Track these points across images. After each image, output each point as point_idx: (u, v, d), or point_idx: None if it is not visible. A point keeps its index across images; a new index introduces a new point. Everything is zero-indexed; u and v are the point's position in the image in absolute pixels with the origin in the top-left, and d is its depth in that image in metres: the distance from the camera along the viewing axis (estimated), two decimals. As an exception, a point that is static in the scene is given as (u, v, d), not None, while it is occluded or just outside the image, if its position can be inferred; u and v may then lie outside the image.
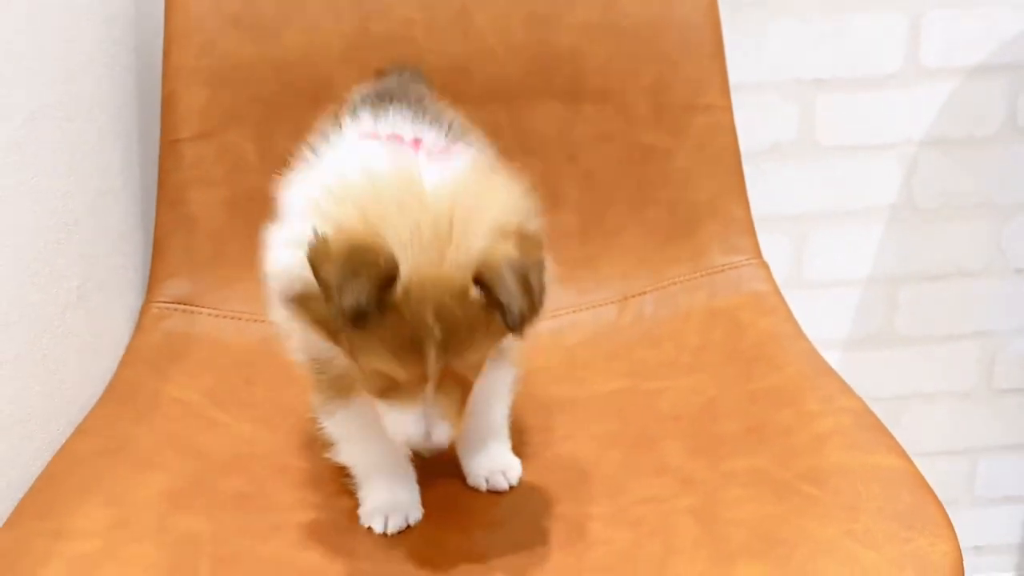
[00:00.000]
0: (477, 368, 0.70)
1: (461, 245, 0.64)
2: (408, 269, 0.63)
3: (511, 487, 0.84)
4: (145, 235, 1.14)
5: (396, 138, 0.71)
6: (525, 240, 0.65)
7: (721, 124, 1.13)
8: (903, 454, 0.82)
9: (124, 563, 0.74)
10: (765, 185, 1.28)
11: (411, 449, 0.69)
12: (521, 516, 0.81)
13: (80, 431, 0.92)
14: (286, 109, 1.12)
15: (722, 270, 1.11)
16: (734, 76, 1.15)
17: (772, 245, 1.31)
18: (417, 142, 0.71)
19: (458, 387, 0.68)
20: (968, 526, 1.56)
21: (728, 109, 1.13)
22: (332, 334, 0.67)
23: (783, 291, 1.25)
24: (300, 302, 0.67)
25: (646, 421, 0.93)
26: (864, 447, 0.82)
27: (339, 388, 0.76)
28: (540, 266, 0.65)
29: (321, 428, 0.82)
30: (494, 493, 0.85)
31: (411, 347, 0.64)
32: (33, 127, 0.90)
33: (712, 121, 1.12)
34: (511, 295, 0.62)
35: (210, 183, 1.12)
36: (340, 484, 0.85)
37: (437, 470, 0.86)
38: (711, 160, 1.12)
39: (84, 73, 1.02)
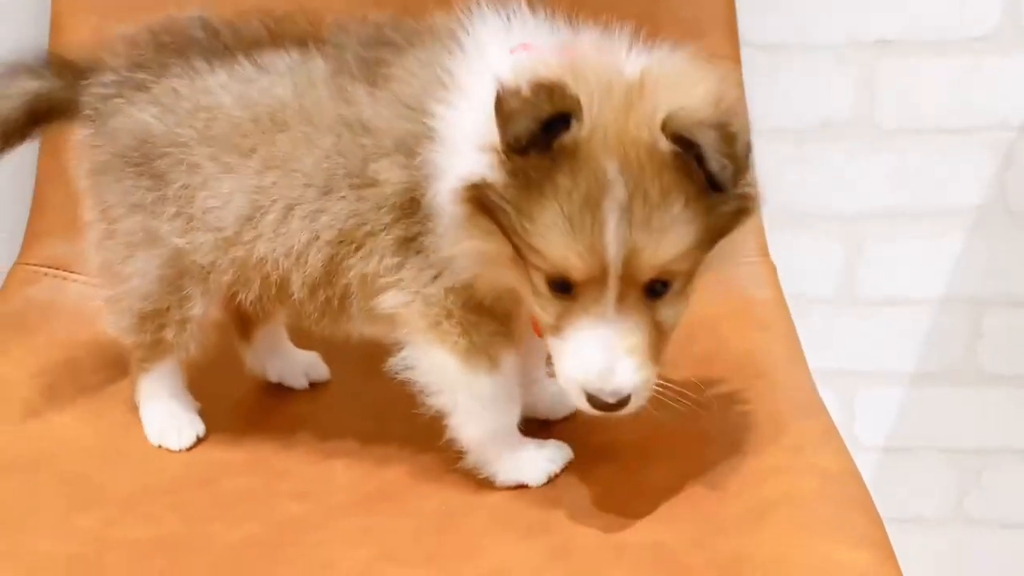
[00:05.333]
0: (675, 300, 0.61)
1: (657, 105, 0.60)
2: (591, 116, 0.59)
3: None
4: (25, 188, 1.00)
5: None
6: (728, 109, 0.61)
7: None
8: (879, 544, 0.60)
9: None
10: (810, 174, 1.11)
11: (590, 403, 0.60)
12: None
13: None
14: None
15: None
16: (773, 35, 1.04)
17: (818, 251, 1.16)
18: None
19: (649, 324, 0.61)
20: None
21: (736, 60, 0.96)
22: (508, 230, 0.62)
23: (829, 308, 1.14)
24: (474, 199, 0.62)
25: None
26: (820, 529, 0.61)
27: None
28: (746, 131, 0.61)
29: None
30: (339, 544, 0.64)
31: (590, 207, 0.58)
32: None
33: (713, 75, 0.93)
34: (710, 143, 0.57)
35: (101, 130, 0.98)
36: (126, 504, 0.70)
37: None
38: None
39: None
